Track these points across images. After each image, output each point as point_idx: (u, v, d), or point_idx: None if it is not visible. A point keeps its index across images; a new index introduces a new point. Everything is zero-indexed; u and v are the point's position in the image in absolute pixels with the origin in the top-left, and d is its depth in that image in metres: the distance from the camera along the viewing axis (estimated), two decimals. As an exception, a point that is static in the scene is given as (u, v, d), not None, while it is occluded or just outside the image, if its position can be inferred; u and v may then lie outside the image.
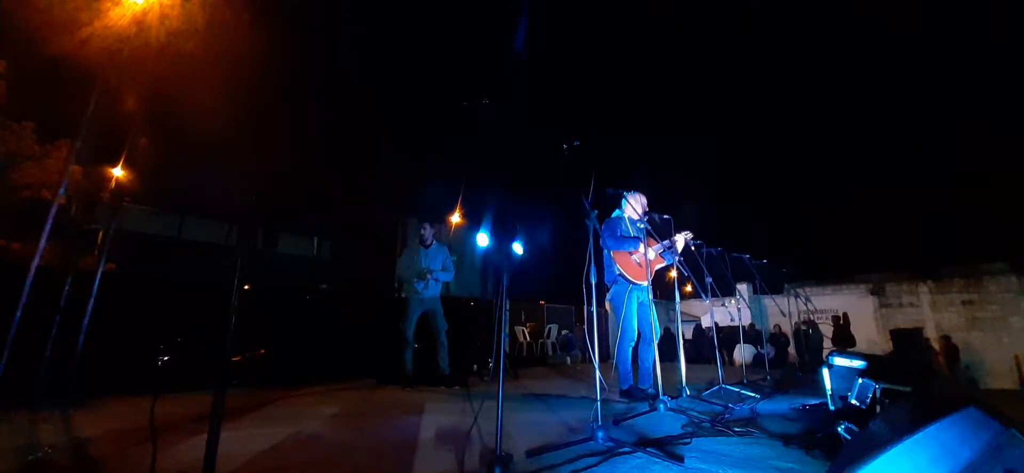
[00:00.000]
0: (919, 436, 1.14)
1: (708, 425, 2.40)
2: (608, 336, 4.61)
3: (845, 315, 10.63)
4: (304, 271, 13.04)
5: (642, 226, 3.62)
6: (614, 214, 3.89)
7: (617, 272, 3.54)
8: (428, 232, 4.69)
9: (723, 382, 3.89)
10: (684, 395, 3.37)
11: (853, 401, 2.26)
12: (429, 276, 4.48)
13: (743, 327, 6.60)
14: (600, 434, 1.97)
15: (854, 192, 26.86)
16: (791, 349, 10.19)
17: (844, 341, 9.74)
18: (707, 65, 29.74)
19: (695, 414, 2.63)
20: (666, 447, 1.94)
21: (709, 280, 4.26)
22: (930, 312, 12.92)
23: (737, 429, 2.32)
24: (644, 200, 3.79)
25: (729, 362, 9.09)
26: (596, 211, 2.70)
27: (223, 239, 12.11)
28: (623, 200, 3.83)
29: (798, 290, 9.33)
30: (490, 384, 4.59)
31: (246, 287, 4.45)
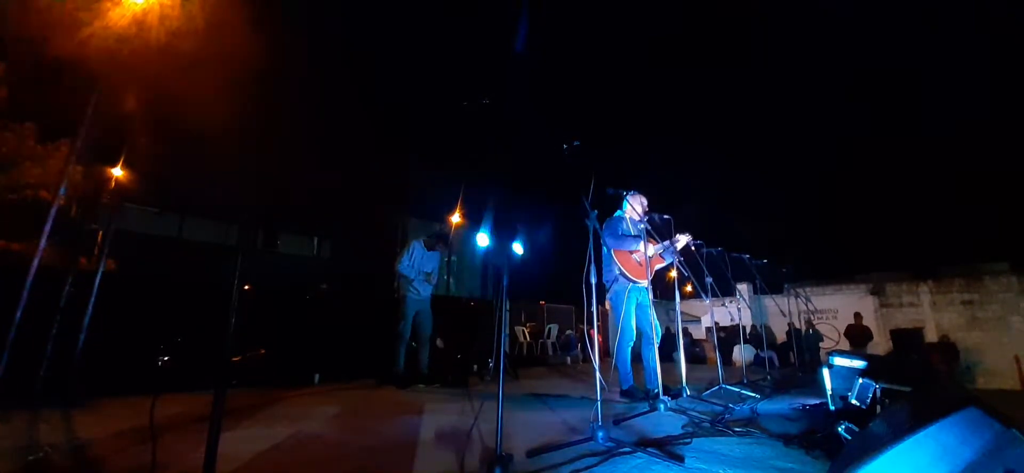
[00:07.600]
0: (919, 436, 1.14)
1: (708, 425, 2.40)
2: (608, 335, 4.62)
3: (857, 314, 10.59)
4: (304, 271, 13.04)
5: (643, 226, 3.62)
6: (615, 214, 3.89)
7: (617, 271, 3.54)
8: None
9: (723, 382, 3.90)
10: (684, 395, 3.37)
11: (853, 401, 2.26)
12: (428, 279, 4.61)
13: (743, 327, 6.60)
14: (600, 434, 1.97)
15: (854, 192, 26.85)
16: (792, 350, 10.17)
17: (858, 340, 9.72)
18: (707, 64, 29.77)
19: (695, 414, 2.63)
20: (666, 447, 1.94)
21: (709, 280, 4.26)
22: (930, 312, 12.89)
23: (737, 429, 2.32)
24: (644, 201, 3.79)
25: (738, 363, 9.08)
26: (596, 211, 2.70)
27: (223, 239, 12.12)
28: (624, 201, 3.84)
29: (798, 290, 9.33)
30: (490, 384, 4.59)
31: (246, 287, 4.45)
